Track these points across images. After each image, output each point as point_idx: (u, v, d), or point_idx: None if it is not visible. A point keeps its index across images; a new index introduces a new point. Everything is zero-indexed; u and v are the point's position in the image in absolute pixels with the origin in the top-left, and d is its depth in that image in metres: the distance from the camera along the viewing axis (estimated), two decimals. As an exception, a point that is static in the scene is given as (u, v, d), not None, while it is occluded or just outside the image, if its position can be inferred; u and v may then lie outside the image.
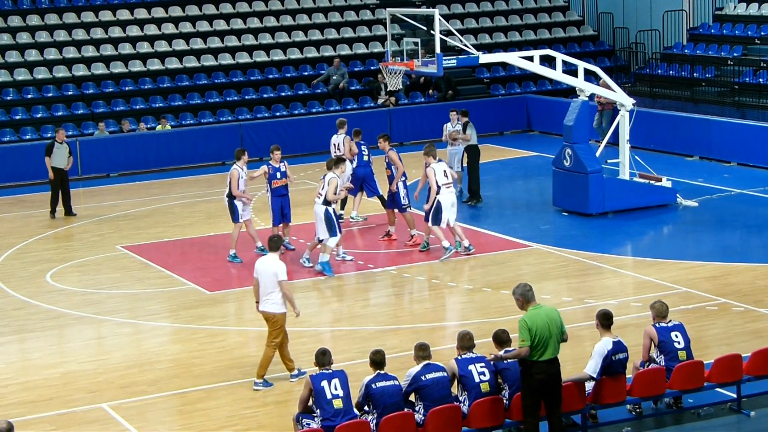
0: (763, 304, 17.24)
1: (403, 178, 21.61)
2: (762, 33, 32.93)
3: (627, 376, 12.99)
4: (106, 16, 34.46)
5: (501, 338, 12.64)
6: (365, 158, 22.97)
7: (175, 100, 32.66)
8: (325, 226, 19.43)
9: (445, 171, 20.28)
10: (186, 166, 29.95)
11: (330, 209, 19.51)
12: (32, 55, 32.77)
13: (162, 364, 15.91)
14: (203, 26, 35.10)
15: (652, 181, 23.81)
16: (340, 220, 20.61)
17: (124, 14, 34.68)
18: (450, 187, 20.25)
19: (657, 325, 13.30)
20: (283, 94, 33.48)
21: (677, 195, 23.81)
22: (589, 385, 12.80)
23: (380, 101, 33.46)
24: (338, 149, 22.82)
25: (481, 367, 12.52)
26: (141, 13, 34.92)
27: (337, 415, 12.10)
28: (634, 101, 24.00)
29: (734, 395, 13.52)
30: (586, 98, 23.29)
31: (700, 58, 33.37)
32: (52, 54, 32.93)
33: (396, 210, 21.63)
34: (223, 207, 21.20)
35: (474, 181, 24.45)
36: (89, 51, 33.32)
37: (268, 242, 14.96)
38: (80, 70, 32.68)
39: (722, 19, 34.72)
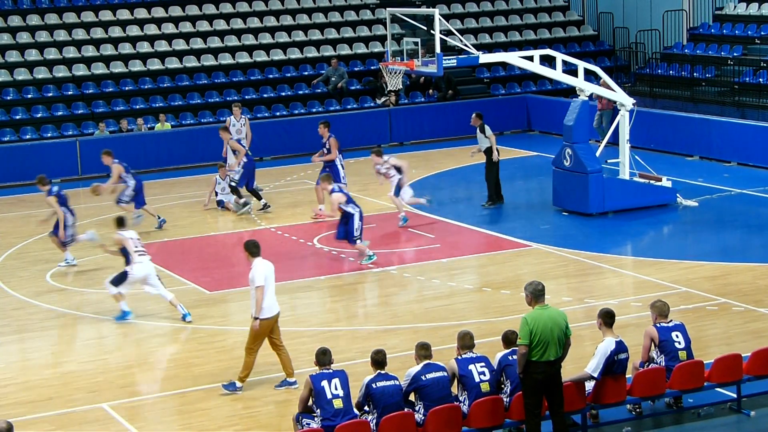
0: (763, 304, 17.23)
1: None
2: (762, 33, 32.92)
3: (627, 376, 13.00)
4: (106, 16, 34.44)
5: (509, 339, 12.74)
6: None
7: (175, 99, 32.65)
8: None
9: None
10: (186, 166, 29.93)
11: None
12: (32, 54, 32.76)
13: (162, 364, 15.91)
14: (203, 26, 35.09)
15: (652, 181, 23.80)
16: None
17: (124, 14, 34.66)
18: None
19: (658, 325, 13.29)
20: (283, 93, 33.47)
21: (677, 195, 23.80)
22: (589, 385, 12.80)
23: (380, 101, 33.44)
24: (240, 132, 26.01)
25: (481, 366, 12.53)
26: (141, 13, 34.90)
27: (338, 415, 12.09)
28: (634, 101, 24.00)
29: (734, 395, 13.51)
30: (586, 98, 23.28)
31: (700, 57, 33.36)
32: (52, 54, 32.92)
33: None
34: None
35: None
36: (89, 51, 33.31)
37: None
38: (80, 70, 32.67)
39: (722, 19, 34.71)
